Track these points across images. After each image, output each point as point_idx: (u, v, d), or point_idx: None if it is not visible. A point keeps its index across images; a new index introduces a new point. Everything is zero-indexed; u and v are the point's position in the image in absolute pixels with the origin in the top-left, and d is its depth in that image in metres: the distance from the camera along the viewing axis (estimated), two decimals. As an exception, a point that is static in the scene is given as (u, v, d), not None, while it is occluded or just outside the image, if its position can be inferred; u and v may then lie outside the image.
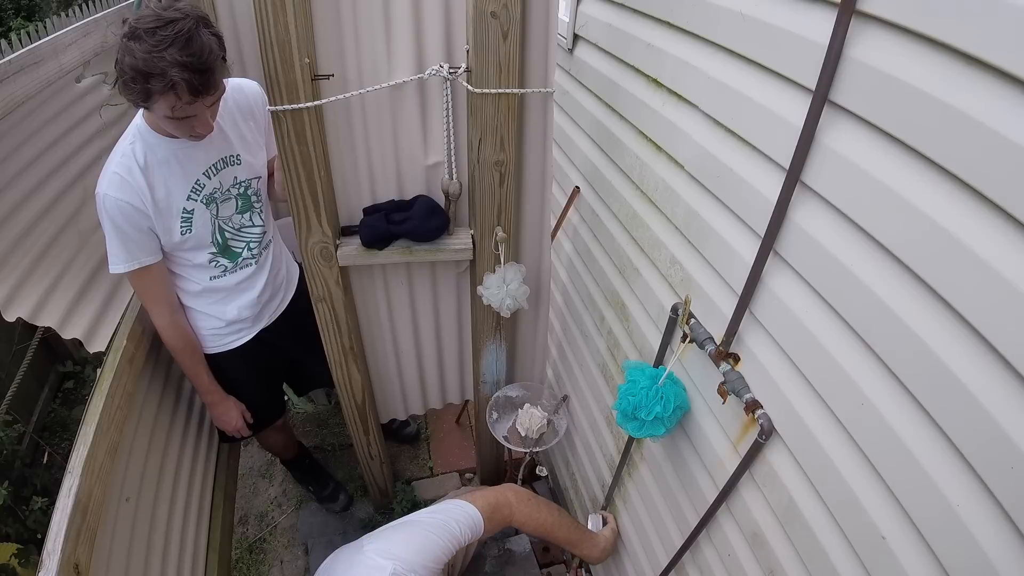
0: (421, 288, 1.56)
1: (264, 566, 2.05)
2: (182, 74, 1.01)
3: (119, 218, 1.23)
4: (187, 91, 1.04)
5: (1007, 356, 0.54)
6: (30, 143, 1.46)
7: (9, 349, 2.51)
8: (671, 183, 1.12)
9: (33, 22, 3.10)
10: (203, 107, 1.12)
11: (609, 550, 1.51)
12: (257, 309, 1.54)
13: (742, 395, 0.91)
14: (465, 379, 1.85)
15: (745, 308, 0.91)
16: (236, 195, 1.39)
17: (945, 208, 0.59)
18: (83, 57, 1.68)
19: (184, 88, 1.03)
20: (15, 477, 2.11)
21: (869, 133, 0.67)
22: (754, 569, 0.97)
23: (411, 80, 1.21)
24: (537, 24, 1.15)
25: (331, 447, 2.42)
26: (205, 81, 1.05)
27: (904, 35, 0.62)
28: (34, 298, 1.38)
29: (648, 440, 1.32)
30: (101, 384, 1.29)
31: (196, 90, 1.05)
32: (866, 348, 0.71)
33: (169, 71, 1.00)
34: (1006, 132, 0.52)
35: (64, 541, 1.01)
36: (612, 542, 1.52)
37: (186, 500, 1.60)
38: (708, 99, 0.98)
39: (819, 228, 0.76)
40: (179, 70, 1.01)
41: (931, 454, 0.63)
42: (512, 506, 1.36)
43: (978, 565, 0.58)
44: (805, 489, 0.83)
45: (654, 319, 1.25)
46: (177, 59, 1.00)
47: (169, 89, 1.03)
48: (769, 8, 0.81)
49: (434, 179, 1.37)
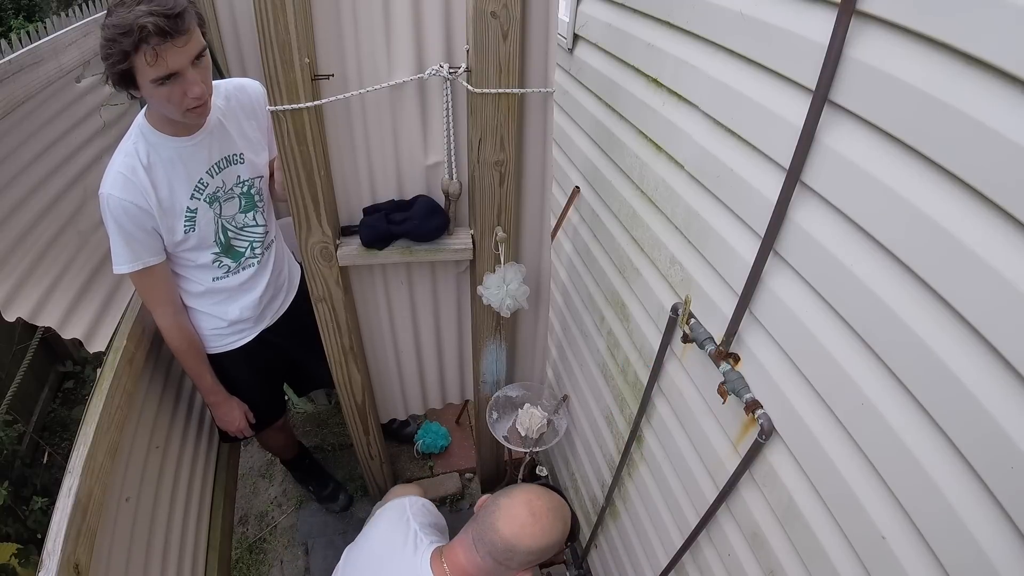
0: (421, 288, 1.56)
1: (264, 566, 2.05)
2: (149, 19, 1.02)
3: (123, 218, 1.23)
4: (155, 33, 1.03)
5: (1007, 356, 0.54)
6: (30, 143, 1.46)
7: (9, 349, 2.51)
8: (671, 183, 1.12)
9: (33, 22, 3.10)
10: (184, 61, 1.10)
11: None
12: (259, 309, 1.54)
13: (742, 395, 0.91)
14: (465, 379, 1.85)
15: (745, 308, 0.91)
16: (239, 194, 1.39)
17: (945, 208, 0.59)
18: (83, 57, 1.69)
19: (152, 31, 1.03)
20: (15, 477, 2.11)
21: (869, 133, 0.67)
22: (754, 569, 0.97)
23: (411, 80, 1.21)
24: (537, 24, 1.15)
25: (331, 447, 2.42)
26: (173, 23, 1.05)
27: (904, 35, 0.62)
28: (34, 298, 1.38)
29: (648, 440, 1.32)
30: (101, 384, 1.29)
31: (164, 31, 1.04)
32: (866, 348, 0.71)
33: (137, 21, 1.02)
34: (1006, 132, 0.52)
35: (64, 541, 1.01)
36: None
37: (186, 500, 1.60)
38: (708, 99, 0.98)
39: (819, 228, 0.76)
40: (146, 16, 1.02)
41: (931, 454, 0.63)
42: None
43: (978, 565, 0.58)
44: (805, 489, 0.83)
45: (654, 319, 1.25)
46: (144, 10, 1.03)
47: (141, 40, 1.03)
48: (769, 8, 0.81)
49: (434, 179, 1.37)
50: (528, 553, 1.01)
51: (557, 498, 1.11)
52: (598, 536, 1.76)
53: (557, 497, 1.11)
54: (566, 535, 1.09)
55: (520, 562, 1.02)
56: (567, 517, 1.10)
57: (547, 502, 1.06)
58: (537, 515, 1.02)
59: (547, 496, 1.08)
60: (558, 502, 1.09)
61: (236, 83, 1.39)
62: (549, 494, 1.10)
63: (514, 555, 1.01)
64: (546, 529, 1.02)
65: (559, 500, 1.11)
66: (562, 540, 1.07)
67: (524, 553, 1.01)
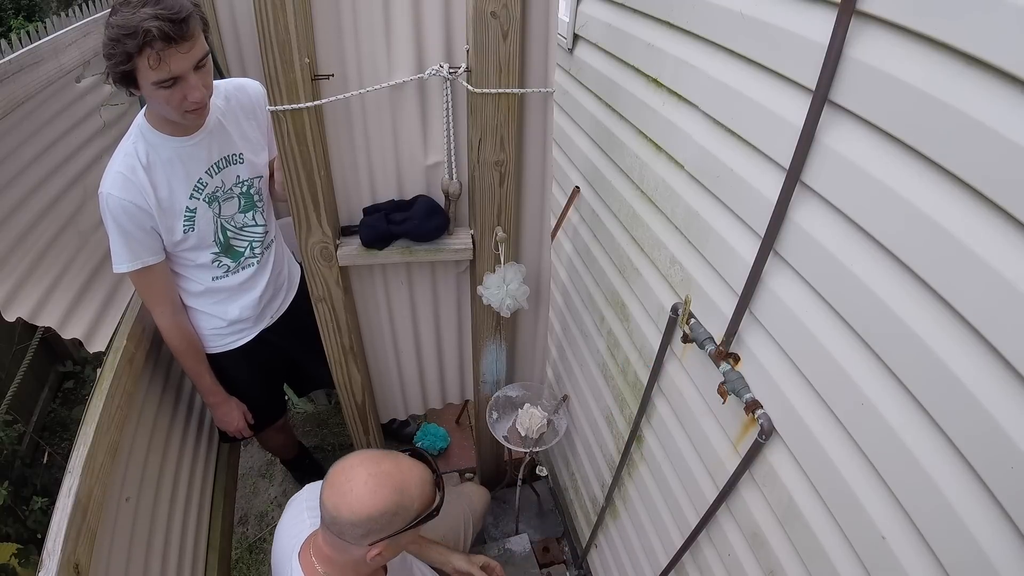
0: (421, 288, 1.56)
1: (264, 566, 2.05)
2: (154, 23, 1.03)
3: (122, 217, 1.23)
4: (159, 38, 1.04)
5: (1007, 356, 0.54)
6: (30, 143, 1.46)
7: (9, 349, 2.51)
8: (671, 183, 1.12)
9: (33, 22, 3.10)
10: (187, 66, 1.10)
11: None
12: (259, 309, 1.54)
13: (742, 395, 0.91)
14: (465, 379, 1.85)
15: (745, 308, 0.91)
16: (239, 194, 1.39)
17: (945, 208, 0.59)
18: (83, 57, 1.69)
19: (156, 35, 1.03)
20: (15, 477, 2.11)
21: (869, 133, 0.67)
22: (754, 569, 0.97)
23: (411, 80, 1.21)
24: (537, 24, 1.15)
25: (331, 447, 2.42)
26: (178, 28, 1.05)
27: (904, 35, 0.62)
28: (34, 298, 1.38)
29: (648, 440, 1.32)
30: (101, 384, 1.29)
31: (169, 36, 1.04)
32: (866, 348, 0.71)
33: (142, 24, 1.02)
34: (1006, 132, 0.52)
35: (64, 541, 1.01)
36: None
37: (186, 500, 1.60)
38: (708, 99, 0.98)
39: (819, 228, 0.76)
40: (151, 20, 1.03)
41: (931, 454, 0.63)
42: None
43: (978, 565, 0.58)
44: (805, 489, 0.83)
45: (654, 319, 1.25)
46: (149, 13, 1.03)
47: (145, 44, 1.04)
48: (769, 8, 0.81)
49: (434, 179, 1.37)
50: (352, 524, 0.91)
51: (390, 464, 0.97)
52: (598, 536, 1.76)
53: (391, 463, 0.97)
54: (406, 504, 0.95)
55: (354, 534, 0.93)
56: (403, 484, 0.95)
57: (371, 468, 0.95)
58: (354, 481, 0.93)
59: (376, 462, 0.96)
60: (389, 468, 0.96)
61: (236, 83, 1.39)
62: (383, 460, 0.97)
63: (340, 526, 0.92)
64: (364, 498, 0.91)
65: (392, 466, 0.97)
66: (397, 509, 0.94)
67: (348, 524, 0.92)
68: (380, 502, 0.92)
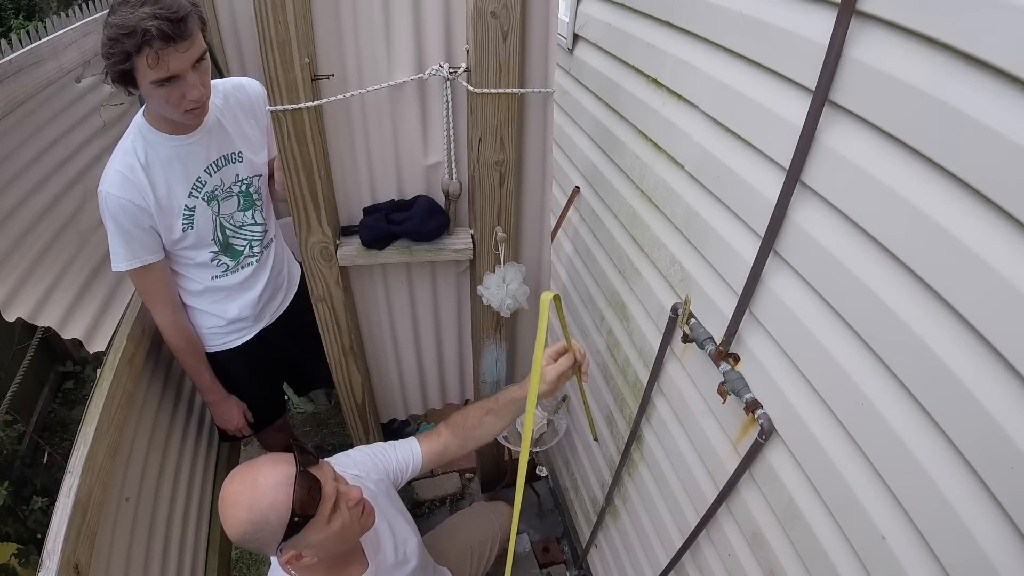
0: (421, 288, 1.56)
1: (264, 566, 2.05)
2: (152, 22, 1.03)
3: (121, 216, 1.23)
4: (158, 37, 1.04)
5: (1007, 356, 0.54)
6: (30, 143, 1.46)
7: (9, 349, 2.52)
8: (671, 183, 1.12)
9: (33, 22, 3.10)
10: (185, 65, 1.11)
11: (559, 378, 1.18)
12: (258, 308, 1.54)
13: (742, 395, 0.91)
14: (465, 379, 1.85)
15: (745, 308, 0.91)
16: (238, 192, 1.40)
17: (945, 208, 0.59)
18: (83, 57, 1.69)
19: (155, 34, 1.04)
20: (15, 477, 2.11)
21: (869, 133, 0.67)
22: (754, 569, 0.97)
23: (411, 80, 1.21)
24: (537, 24, 1.15)
25: (331, 447, 2.42)
26: (176, 27, 1.06)
27: (904, 35, 0.62)
28: (34, 298, 1.38)
29: (648, 440, 1.32)
30: (101, 384, 1.30)
31: (167, 35, 1.05)
32: (866, 348, 0.71)
33: (141, 24, 1.03)
34: (1006, 132, 0.52)
35: (64, 541, 1.01)
36: (560, 369, 1.17)
37: (186, 500, 1.60)
38: (708, 99, 0.98)
39: (819, 228, 0.76)
40: (149, 20, 1.03)
41: (931, 454, 0.63)
42: (441, 429, 1.37)
43: (978, 565, 0.58)
44: (805, 489, 0.83)
45: (654, 319, 1.25)
46: (148, 12, 1.04)
47: (144, 43, 1.04)
48: (769, 8, 0.81)
49: (434, 179, 1.37)
50: (232, 532, 0.89)
51: (240, 479, 0.92)
52: (598, 536, 1.76)
53: (243, 476, 0.92)
54: (259, 519, 0.88)
55: (253, 545, 0.91)
56: (251, 501, 0.89)
57: (227, 488, 0.91)
58: (220, 503, 0.91)
59: (232, 479, 0.92)
60: (237, 487, 0.91)
61: (235, 82, 1.39)
62: (238, 475, 0.92)
63: (229, 531, 0.90)
64: (226, 521, 0.90)
65: (241, 482, 0.91)
66: (255, 528, 0.88)
67: (230, 531, 0.89)
68: (236, 525, 0.89)
